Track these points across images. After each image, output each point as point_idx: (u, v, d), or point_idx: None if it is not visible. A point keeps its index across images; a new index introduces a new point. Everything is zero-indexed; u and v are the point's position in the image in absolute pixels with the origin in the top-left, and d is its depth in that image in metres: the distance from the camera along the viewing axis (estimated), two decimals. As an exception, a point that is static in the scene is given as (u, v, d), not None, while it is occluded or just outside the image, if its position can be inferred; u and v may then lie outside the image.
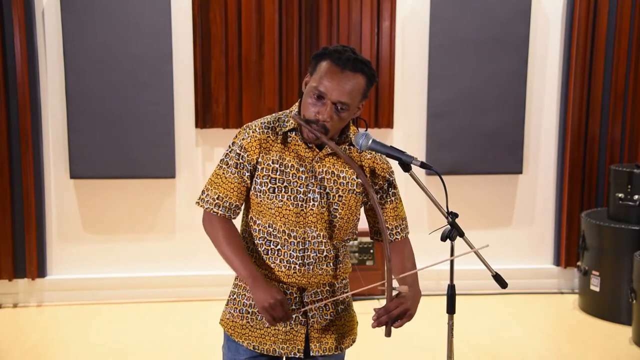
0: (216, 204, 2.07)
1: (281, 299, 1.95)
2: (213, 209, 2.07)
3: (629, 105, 4.97)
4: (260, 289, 1.97)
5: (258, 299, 1.96)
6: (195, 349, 4.06)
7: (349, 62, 1.96)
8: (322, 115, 1.96)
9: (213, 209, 2.07)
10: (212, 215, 2.08)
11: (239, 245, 2.05)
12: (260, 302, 1.95)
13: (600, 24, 4.86)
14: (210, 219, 2.09)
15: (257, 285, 1.97)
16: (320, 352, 2.13)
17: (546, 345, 4.25)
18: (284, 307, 1.96)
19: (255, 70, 4.66)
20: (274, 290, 1.97)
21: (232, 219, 2.10)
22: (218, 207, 2.07)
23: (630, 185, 4.53)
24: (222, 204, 2.07)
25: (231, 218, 2.10)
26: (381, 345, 4.08)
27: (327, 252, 2.08)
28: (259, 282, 1.98)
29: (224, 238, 2.05)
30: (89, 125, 4.58)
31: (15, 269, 4.68)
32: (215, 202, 2.07)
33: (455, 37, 4.78)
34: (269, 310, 1.94)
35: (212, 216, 2.08)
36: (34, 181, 4.62)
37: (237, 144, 2.07)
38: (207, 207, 2.08)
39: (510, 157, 4.95)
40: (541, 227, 5.18)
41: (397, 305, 1.93)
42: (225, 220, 2.08)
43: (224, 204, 2.07)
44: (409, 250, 2.19)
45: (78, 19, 4.48)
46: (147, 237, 4.86)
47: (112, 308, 4.72)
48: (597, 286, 4.60)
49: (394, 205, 2.15)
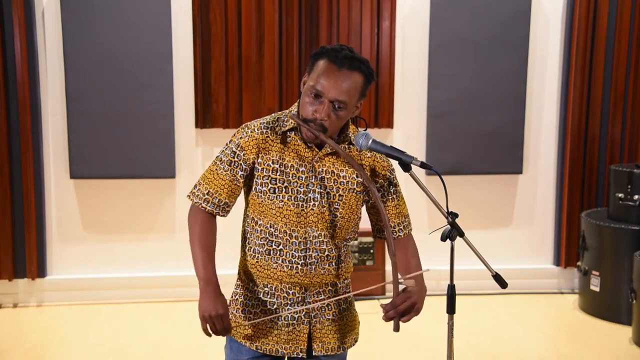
0: (205, 199, 2.07)
1: (223, 313, 1.97)
2: (202, 204, 2.07)
3: (629, 105, 4.97)
4: (207, 296, 1.99)
5: (202, 306, 1.98)
6: (195, 349, 4.06)
7: (346, 60, 1.96)
8: (319, 114, 1.96)
9: (202, 203, 2.07)
10: (198, 210, 2.09)
11: (208, 246, 2.06)
12: (202, 310, 1.98)
13: (600, 24, 4.86)
14: (195, 213, 2.09)
15: (206, 291, 2.00)
16: (323, 351, 2.13)
17: (546, 345, 4.26)
18: (225, 322, 1.98)
19: (255, 70, 4.66)
20: (219, 303, 1.98)
21: (219, 215, 2.09)
22: (207, 203, 2.07)
23: (630, 185, 4.53)
24: (211, 199, 2.07)
25: (218, 215, 2.09)
26: (382, 345, 4.08)
27: (328, 252, 2.08)
28: (209, 288, 2.00)
29: (198, 236, 2.06)
30: (89, 125, 4.58)
31: (15, 269, 4.68)
32: (205, 198, 2.07)
33: (455, 37, 4.78)
34: (208, 320, 1.97)
35: (198, 210, 2.09)
36: (34, 181, 4.62)
37: (234, 142, 2.07)
38: (196, 201, 2.09)
39: (510, 157, 4.96)
40: (541, 227, 5.18)
41: (404, 300, 1.93)
42: (209, 218, 2.08)
43: (213, 200, 2.06)
44: (412, 246, 2.19)
45: (78, 19, 4.48)
46: (147, 237, 4.86)
47: (112, 308, 4.72)
48: (597, 286, 4.60)
49: (395, 202, 2.15)
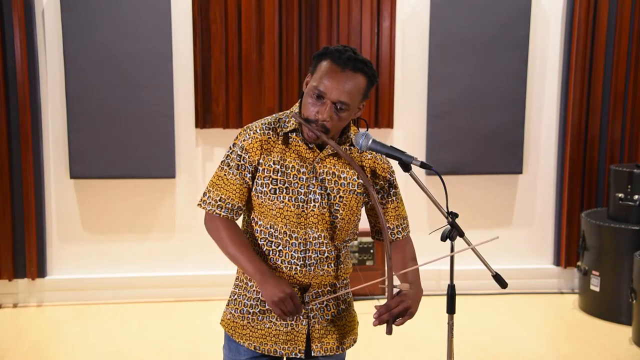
0: (218, 205, 2.06)
1: (290, 292, 1.94)
2: (215, 211, 2.06)
3: (629, 105, 4.97)
4: (268, 283, 1.96)
5: (267, 294, 1.95)
6: (195, 349, 4.06)
7: (350, 62, 1.96)
8: (321, 115, 1.96)
9: (215, 210, 2.06)
10: (214, 217, 2.08)
11: (244, 243, 2.05)
12: (270, 297, 1.94)
13: (600, 24, 4.86)
14: (212, 220, 2.08)
15: (265, 280, 1.97)
16: (322, 352, 2.12)
17: (546, 345, 4.26)
18: (295, 300, 1.95)
19: (255, 70, 4.66)
20: (284, 284, 1.96)
21: (234, 219, 2.09)
22: (220, 209, 2.06)
23: (630, 185, 4.53)
24: (224, 205, 2.06)
25: (234, 219, 2.09)
26: (381, 345, 4.08)
27: (328, 253, 2.08)
28: (267, 277, 1.97)
29: (229, 238, 2.04)
30: (89, 125, 4.58)
31: (15, 269, 4.68)
32: (218, 204, 2.06)
33: (455, 37, 4.78)
34: (279, 305, 1.93)
35: (214, 217, 2.08)
36: (34, 181, 4.62)
37: (238, 145, 2.06)
38: (209, 209, 2.07)
39: (510, 157, 4.96)
40: (541, 227, 5.18)
41: (398, 303, 1.92)
42: (228, 221, 2.08)
43: (226, 206, 2.06)
44: (410, 249, 2.19)
45: (78, 19, 4.48)
46: (147, 237, 4.87)
47: (112, 308, 4.72)
48: (597, 286, 4.60)
49: (395, 204, 2.15)
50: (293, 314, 1.97)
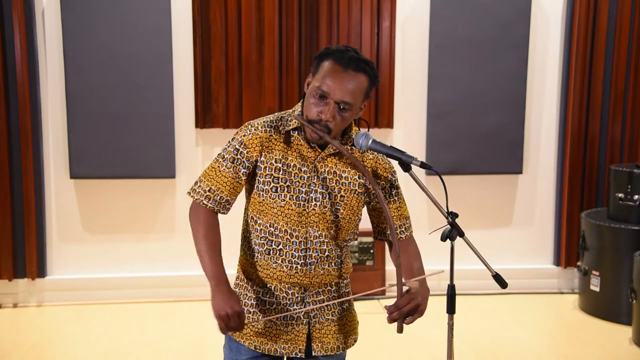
0: (206, 196, 2.05)
1: (238, 311, 1.92)
2: (203, 201, 2.05)
3: (629, 105, 4.97)
4: (220, 294, 1.94)
5: (215, 305, 1.93)
6: (195, 349, 4.06)
7: (352, 62, 1.96)
8: (324, 115, 1.96)
9: (203, 200, 2.05)
10: (199, 207, 2.06)
11: (215, 244, 2.03)
12: (216, 309, 1.92)
13: (600, 24, 4.86)
14: (197, 210, 2.06)
15: (219, 290, 1.95)
16: (322, 352, 2.13)
17: (546, 345, 4.25)
18: (241, 318, 1.93)
19: (255, 70, 4.66)
20: (233, 300, 1.94)
21: (220, 213, 2.08)
22: (208, 200, 2.05)
23: (630, 185, 4.53)
24: (212, 196, 2.05)
25: (219, 212, 2.07)
26: (382, 345, 4.08)
27: (328, 252, 2.08)
28: (221, 287, 1.95)
29: (203, 234, 2.03)
30: (89, 125, 4.58)
31: (15, 269, 4.68)
32: (206, 195, 2.05)
33: (455, 37, 4.78)
34: (224, 319, 1.91)
35: (199, 208, 2.06)
36: (34, 181, 4.62)
37: (237, 139, 2.06)
38: (197, 198, 2.06)
39: (510, 157, 4.95)
40: (541, 227, 5.18)
41: (408, 302, 1.92)
42: (212, 215, 2.06)
43: (214, 197, 2.05)
44: (414, 248, 2.19)
45: (78, 19, 4.48)
46: (147, 237, 4.86)
47: (112, 308, 4.72)
48: (597, 286, 4.60)
49: (397, 205, 2.15)
50: (234, 331, 1.96)
